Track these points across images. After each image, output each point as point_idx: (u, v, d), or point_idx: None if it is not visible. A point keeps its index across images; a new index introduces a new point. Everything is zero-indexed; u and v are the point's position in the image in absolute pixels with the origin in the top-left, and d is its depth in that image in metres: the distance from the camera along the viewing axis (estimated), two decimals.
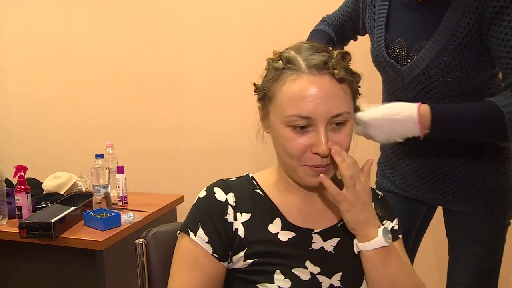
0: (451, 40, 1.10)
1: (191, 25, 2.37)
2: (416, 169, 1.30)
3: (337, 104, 0.83)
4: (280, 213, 0.91)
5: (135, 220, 1.84)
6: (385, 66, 1.25)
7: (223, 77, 2.34)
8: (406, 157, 1.32)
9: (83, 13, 2.54)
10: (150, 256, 1.03)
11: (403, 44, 1.21)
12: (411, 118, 1.05)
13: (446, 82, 1.14)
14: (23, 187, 1.85)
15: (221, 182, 0.95)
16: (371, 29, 1.31)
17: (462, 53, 1.10)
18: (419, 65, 1.16)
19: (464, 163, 1.23)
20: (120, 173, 2.05)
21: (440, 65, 1.13)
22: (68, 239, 1.70)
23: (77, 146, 2.63)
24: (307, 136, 0.83)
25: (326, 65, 0.83)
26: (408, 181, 1.35)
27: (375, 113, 1.07)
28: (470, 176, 1.23)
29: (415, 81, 1.18)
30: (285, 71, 0.85)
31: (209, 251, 0.87)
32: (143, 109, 2.50)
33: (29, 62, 2.68)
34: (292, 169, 0.88)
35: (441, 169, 1.26)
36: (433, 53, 1.13)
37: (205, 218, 0.89)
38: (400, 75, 1.21)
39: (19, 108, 2.74)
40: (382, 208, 1.00)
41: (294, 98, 0.82)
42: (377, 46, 1.27)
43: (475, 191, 1.24)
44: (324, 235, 0.91)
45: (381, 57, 1.25)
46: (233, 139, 2.34)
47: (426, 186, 1.30)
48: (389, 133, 1.07)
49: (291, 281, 0.84)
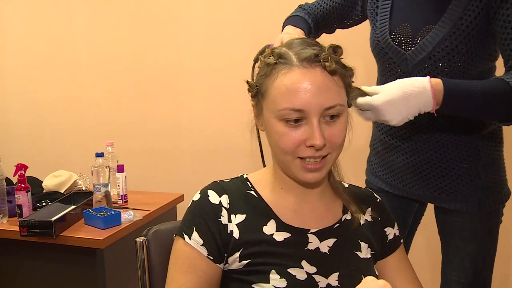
0: (459, 24, 1.11)
1: (191, 25, 2.37)
2: (410, 164, 1.29)
3: (329, 96, 0.82)
4: (274, 215, 0.91)
5: (135, 219, 1.85)
6: (388, 52, 1.23)
7: (223, 77, 2.34)
8: (401, 153, 1.30)
9: (83, 12, 2.54)
10: (150, 254, 1.03)
11: (408, 29, 1.20)
12: (426, 92, 1.01)
13: (450, 67, 1.14)
14: (23, 186, 1.85)
15: (214, 184, 0.94)
16: (373, 16, 1.29)
17: (469, 37, 1.11)
18: (425, 48, 1.15)
19: (459, 160, 1.23)
20: (120, 172, 2.05)
21: (446, 48, 1.12)
22: (68, 237, 1.71)
23: (77, 145, 2.63)
24: (300, 130, 0.83)
25: (317, 58, 0.83)
26: (400, 178, 1.34)
27: (387, 95, 1.01)
28: (465, 173, 1.23)
29: (420, 65, 1.17)
30: (277, 66, 0.84)
31: (204, 254, 0.87)
32: (143, 108, 2.50)
33: (29, 61, 2.68)
34: (287, 165, 0.87)
35: (436, 166, 1.25)
36: (440, 36, 1.13)
37: (199, 221, 0.89)
38: (404, 60, 1.20)
39: (19, 107, 2.74)
40: (381, 213, 1.00)
41: (286, 91, 0.82)
42: (380, 32, 1.25)
43: (469, 189, 1.23)
44: (320, 235, 0.91)
45: (383, 42, 1.24)
46: (233, 138, 2.34)
47: (420, 182, 1.29)
48: (406, 112, 1.02)
49: (287, 281, 0.84)
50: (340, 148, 0.87)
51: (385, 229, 0.99)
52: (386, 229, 0.99)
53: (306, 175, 0.86)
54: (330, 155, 0.86)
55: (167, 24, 2.41)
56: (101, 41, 2.53)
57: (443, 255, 1.35)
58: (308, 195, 0.93)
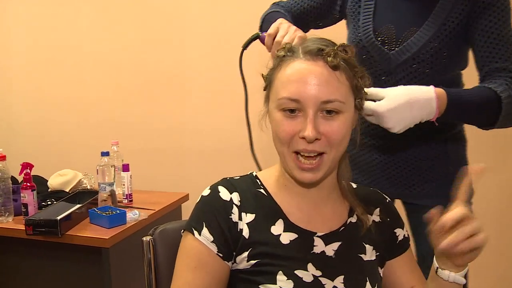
0: (443, 29, 1.16)
1: (197, 24, 2.37)
2: (382, 163, 1.29)
3: (328, 90, 0.82)
4: (283, 214, 0.90)
5: (140, 218, 1.84)
6: (370, 51, 1.24)
7: (227, 77, 2.33)
8: (374, 151, 1.30)
9: (89, 12, 2.55)
10: (157, 253, 1.02)
11: (392, 30, 1.22)
12: (431, 101, 1.01)
13: (432, 69, 1.18)
14: (29, 184, 1.85)
15: (225, 181, 0.94)
16: (355, 15, 1.29)
17: (451, 42, 1.17)
18: (410, 49, 1.18)
19: (429, 158, 1.26)
20: (126, 171, 2.06)
21: (431, 50, 1.17)
22: (74, 236, 1.71)
23: (82, 144, 2.63)
24: (296, 121, 0.83)
25: (321, 52, 0.83)
26: (372, 177, 1.33)
27: (393, 103, 0.98)
28: (434, 170, 1.26)
29: (403, 65, 1.20)
30: (284, 58, 0.87)
31: (214, 251, 0.86)
32: (148, 108, 2.50)
33: (35, 61, 2.69)
34: (284, 159, 0.87)
35: (408, 163, 1.27)
36: (425, 38, 1.17)
37: (209, 217, 0.88)
38: (387, 59, 1.21)
39: (25, 106, 2.75)
40: (390, 214, 0.99)
41: (286, 81, 0.84)
42: (363, 30, 1.25)
43: (438, 185, 1.25)
44: (325, 239, 0.90)
45: (366, 41, 1.24)
46: (238, 138, 2.31)
47: (392, 180, 1.29)
48: (409, 121, 1.01)
49: (294, 282, 0.83)
50: (338, 148, 0.85)
51: (394, 230, 0.98)
52: (396, 230, 0.98)
53: (302, 174, 0.85)
54: (327, 155, 0.85)
55: (173, 23, 2.41)
56: (106, 40, 2.53)
57: (417, 253, 1.31)
58: (313, 195, 0.92)
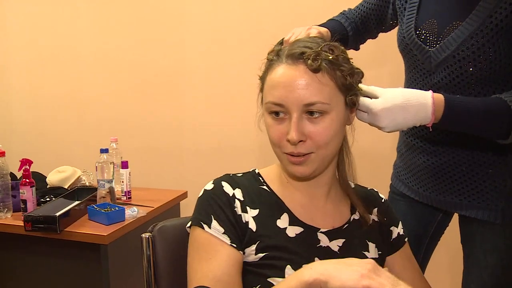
0: (488, 21, 1.05)
1: (195, 24, 2.37)
2: (432, 167, 1.23)
3: (309, 93, 0.82)
4: (287, 209, 0.92)
5: (139, 215, 1.85)
6: (412, 49, 1.20)
7: (226, 75, 2.35)
8: (422, 154, 1.25)
9: (87, 10, 2.55)
10: (156, 250, 1.03)
11: (434, 25, 1.16)
12: (426, 107, 0.97)
13: (475, 68, 1.08)
14: (28, 181, 1.85)
15: (228, 177, 0.94)
16: (401, 11, 1.26)
17: (497, 36, 1.05)
18: (450, 46, 1.11)
19: (484, 164, 1.16)
20: (124, 168, 2.06)
21: (472, 47, 1.07)
22: (72, 233, 1.71)
23: (80, 141, 2.63)
24: (283, 125, 0.86)
25: (302, 55, 0.84)
26: (422, 182, 1.29)
27: (388, 103, 0.95)
28: (489, 179, 1.16)
29: (443, 64, 1.13)
30: (272, 62, 0.89)
31: (227, 242, 0.85)
32: (147, 105, 2.50)
33: (34, 58, 2.69)
34: (279, 158, 0.90)
35: (458, 169, 1.19)
36: (466, 34, 1.08)
37: (217, 209, 0.87)
38: (428, 57, 1.16)
39: (24, 104, 2.75)
40: (387, 213, 1.01)
41: (271, 85, 0.86)
42: (406, 28, 1.22)
43: (492, 197, 1.16)
44: (329, 235, 0.91)
45: (408, 38, 1.20)
46: (236, 136, 2.34)
47: (441, 187, 1.24)
48: (402, 123, 0.97)
49: None
50: (326, 147, 0.86)
51: (390, 228, 1.00)
52: (391, 228, 1.00)
53: (293, 168, 0.88)
54: (315, 154, 0.86)
55: (171, 22, 2.41)
56: (105, 38, 2.53)
57: (464, 266, 1.28)
58: (314, 191, 0.94)
